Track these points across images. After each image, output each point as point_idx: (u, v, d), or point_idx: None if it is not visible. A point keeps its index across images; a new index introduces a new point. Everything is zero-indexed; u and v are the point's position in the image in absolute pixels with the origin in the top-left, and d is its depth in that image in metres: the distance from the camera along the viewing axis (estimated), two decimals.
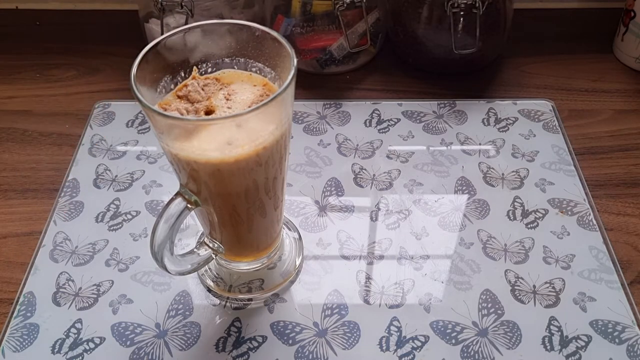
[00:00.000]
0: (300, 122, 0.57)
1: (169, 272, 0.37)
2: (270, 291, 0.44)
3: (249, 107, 0.33)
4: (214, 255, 0.41)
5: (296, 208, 0.50)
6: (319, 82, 0.62)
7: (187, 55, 0.36)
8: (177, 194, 0.34)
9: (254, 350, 0.41)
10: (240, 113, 0.30)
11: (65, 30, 0.70)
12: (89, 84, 0.63)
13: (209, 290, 0.44)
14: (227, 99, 0.35)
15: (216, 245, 0.40)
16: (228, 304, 0.43)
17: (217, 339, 0.41)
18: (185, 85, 0.35)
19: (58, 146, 0.56)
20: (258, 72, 0.37)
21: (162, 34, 0.57)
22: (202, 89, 0.35)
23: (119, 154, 0.54)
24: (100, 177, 0.52)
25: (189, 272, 0.39)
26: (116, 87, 0.62)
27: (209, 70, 0.37)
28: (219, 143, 0.31)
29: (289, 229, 0.48)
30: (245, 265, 0.44)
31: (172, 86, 0.36)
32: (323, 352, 0.41)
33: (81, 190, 0.51)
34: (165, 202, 0.35)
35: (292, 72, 0.32)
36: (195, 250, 0.40)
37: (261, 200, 0.37)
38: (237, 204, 0.36)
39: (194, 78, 0.36)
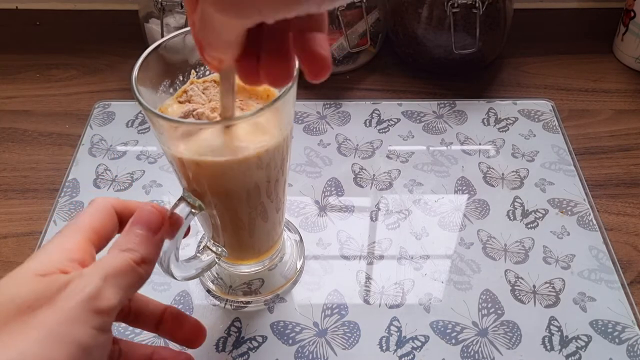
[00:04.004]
0: (300, 122, 0.57)
1: (175, 278, 0.36)
2: (271, 294, 0.44)
3: (251, 109, 0.33)
4: (217, 260, 0.40)
5: (296, 208, 0.50)
6: (319, 82, 0.62)
7: (187, 57, 0.36)
8: (181, 199, 0.34)
9: (254, 350, 0.41)
10: (242, 116, 0.30)
11: (65, 30, 0.70)
12: (89, 84, 0.63)
13: (209, 291, 0.44)
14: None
15: (219, 249, 0.40)
16: (228, 304, 0.43)
17: (217, 339, 0.41)
18: (185, 92, 0.35)
19: (58, 146, 0.56)
20: None
21: (162, 34, 0.57)
22: (203, 93, 0.35)
23: (119, 154, 0.54)
24: (100, 177, 0.52)
25: (194, 277, 0.39)
26: (116, 87, 0.62)
27: (207, 73, 0.37)
28: (221, 146, 0.31)
29: (290, 231, 0.48)
30: (246, 268, 0.44)
31: (172, 90, 0.36)
32: (323, 352, 0.41)
33: (81, 190, 0.51)
34: (170, 207, 0.34)
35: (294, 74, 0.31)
36: (198, 255, 0.40)
37: (263, 203, 0.37)
38: (239, 207, 0.36)
39: (192, 83, 0.36)
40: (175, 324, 0.34)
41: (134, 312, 0.33)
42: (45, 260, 0.26)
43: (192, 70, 0.36)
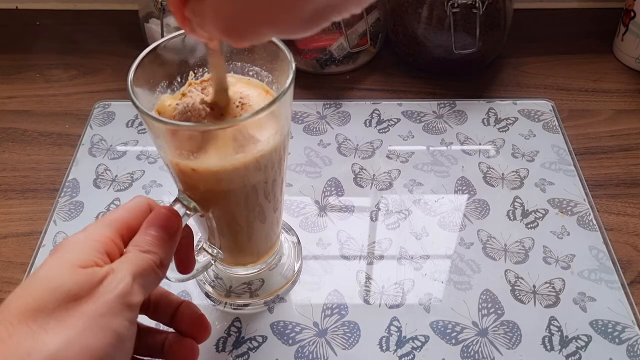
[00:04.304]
0: (300, 122, 0.57)
1: (168, 279, 0.36)
2: (269, 296, 0.43)
3: (248, 111, 0.32)
4: (213, 262, 0.40)
5: (296, 208, 0.50)
6: (319, 82, 0.62)
7: (185, 58, 0.36)
8: (176, 200, 0.34)
9: (254, 350, 0.41)
10: (238, 120, 0.30)
11: (65, 30, 0.70)
12: (89, 84, 0.63)
13: (208, 296, 0.44)
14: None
15: (215, 250, 0.40)
16: (228, 305, 0.43)
17: (217, 339, 0.41)
18: (184, 95, 0.35)
19: (58, 146, 0.56)
20: (255, 76, 0.36)
21: (162, 33, 0.57)
22: (202, 94, 0.35)
23: (119, 154, 0.54)
24: (100, 177, 0.52)
25: (189, 279, 0.39)
26: (116, 87, 0.62)
27: (205, 74, 0.36)
28: (217, 149, 0.31)
29: (288, 233, 0.48)
30: (243, 271, 0.44)
31: (170, 92, 0.35)
32: (323, 352, 0.41)
33: (81, 190, 0.51)
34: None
35: (291, 76, 0.31)
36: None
37: (261, 204, 0.37)
38: (237, 209, 0.36)
39: (190, 85, 0.35)
40: (182, 316, 0.34)
41: (153, 304, 0.34)
42: (80, 252, 0.28)
43: (191, 72, 0.36)
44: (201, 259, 0.40)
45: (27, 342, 0.24)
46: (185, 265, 0.35)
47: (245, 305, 0.43)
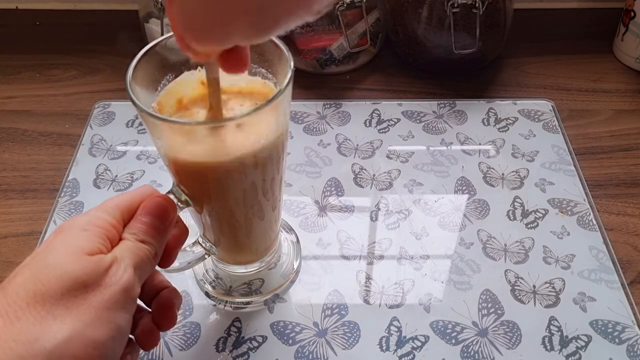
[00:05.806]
0: (300, 122, 0.57)
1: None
2: (269, 294, 0.43)
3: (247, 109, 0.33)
4: (206, 256, 0.41)
5: (296, 208, 0.50)
6: (319, 82, 0.62)
7: (184, 57, 0.35)
8: (169, 192, 0.34)
9: (254, 350, 0.41)
10: (238, 116, 0.30)
11: (65, 30, 0.70)
12: (89, 84, 0.63)
13: (208, 295, 0.44)
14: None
15: (208, 245, 0.40)
16: (228, 303, 0.43)
17: (217, 339, 0.41)
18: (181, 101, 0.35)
19: (58, 146, 0.56)
20: (261, 77, 0.36)
21: (162, 33, 0.57)
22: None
23: (119, 154, 0.54)
24: (100, 177, 0.52)
25: (178, 270, 0.39)
26: (116, 87, 0.62)
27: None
28: (215, 146, 0.31)
29: (287, 232, 0.48)
30: (243, 269, 0.44)
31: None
32: (323, 352, 0.41)
33: (81, 190, 0.51)
34: None
35: (289, 74, 0.31)
36: (187, 248, 0.40)
37: (259, 202, 0.37)
38: (234, 205, 0.36)
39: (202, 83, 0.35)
40: (158, 301, 0.34)
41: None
42: (86, 238, 0.28)
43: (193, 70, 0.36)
44: (195, 250, 0.40)
45: (35, 327, 0.25)
46: (165, 260, 0.34)
47: (246, 303, 0.43)
